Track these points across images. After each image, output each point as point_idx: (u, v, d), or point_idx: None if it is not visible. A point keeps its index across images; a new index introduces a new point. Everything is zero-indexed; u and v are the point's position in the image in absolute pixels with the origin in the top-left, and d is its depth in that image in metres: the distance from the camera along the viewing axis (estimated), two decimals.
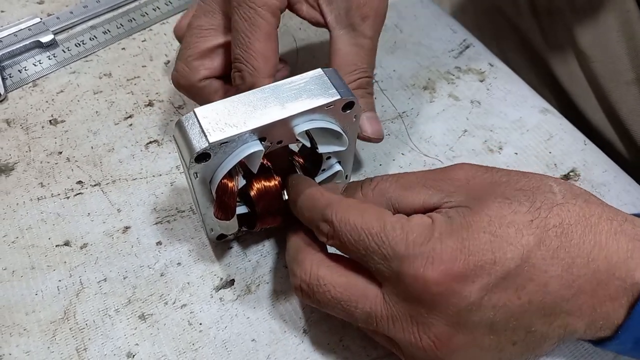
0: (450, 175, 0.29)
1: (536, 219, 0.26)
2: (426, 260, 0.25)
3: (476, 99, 0.46)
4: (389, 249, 0.26)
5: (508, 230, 0.26)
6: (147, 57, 0.47)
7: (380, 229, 0.27)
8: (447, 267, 0.25)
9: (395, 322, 0.27)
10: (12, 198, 0.38)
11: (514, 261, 0.25)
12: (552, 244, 0.26)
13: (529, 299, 0.25)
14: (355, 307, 0.28)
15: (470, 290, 0.25)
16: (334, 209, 0.28)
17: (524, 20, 0.54)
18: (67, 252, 0.36)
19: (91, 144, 0.41)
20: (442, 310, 0.25)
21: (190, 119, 0.29)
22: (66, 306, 0.34)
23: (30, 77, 0.45)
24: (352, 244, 0.27)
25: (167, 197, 0.39)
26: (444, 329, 0.26)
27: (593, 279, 0.26)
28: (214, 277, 0.35)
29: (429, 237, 0.26)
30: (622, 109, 0.48)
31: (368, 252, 0.27)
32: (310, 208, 0.30)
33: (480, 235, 0.25)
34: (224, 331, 0.33)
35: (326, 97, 0.31)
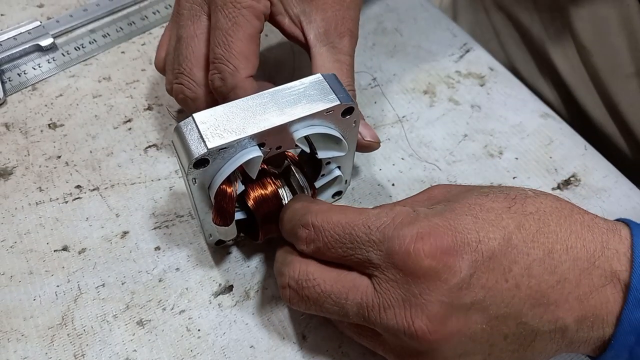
0: (427, 194, 0.31)
1: (513, 206, 0.27)
2: (416, 236, 0.26)
3: (476, 103, 0.46)
4: (377, 233, 0.27)
5: (488, 214, 0.27)
6: (147, 60, 0.47)
7: (365, 220, 0.27)
8: (436, 241, 0.25)
9: (387, 310, 0.27)
10: (10, 202, 0.38)
11: (497, 241, 0.26)
12: (530, 228, 0.27)
13: (516, 282, 0.26)
14: (345, 299, 0.28)
15: (460, 265, 0.25)
16: (313, 213, 0.29)
17: (525, 14, 0.54)
18: (66, 257, 0.36)
19: (90, 148, 0.41)
20: (434, 288, 0.25)
21: (188, 124, 0.29)
22: (64, 312, 0.34)
23: (30, 81, 0.45)
24: (337, 239, 0.28)
25: (166, 201, 0.39)
26: (437, 310, 0.26)
27: (575, 267, 0.26)
28: (212, 282, 0.35)
29: (415, 218, 0.27)
30: (622, 103, 0.48)
31: (355, 244, 0.27)
32: (290, 219, 0.30)
33: (463, 217, 0.26)
34: (222, 337, 0.33)
35: (326, 102, 0.30)
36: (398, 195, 0.40)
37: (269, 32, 0.49)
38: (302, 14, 0.36)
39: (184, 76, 0.35)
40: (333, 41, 0.36)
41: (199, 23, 0.35)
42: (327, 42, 0.36)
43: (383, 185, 0.41)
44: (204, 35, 0.35)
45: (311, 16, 0.36)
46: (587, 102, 0.51)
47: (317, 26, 0.36)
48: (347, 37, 0.36)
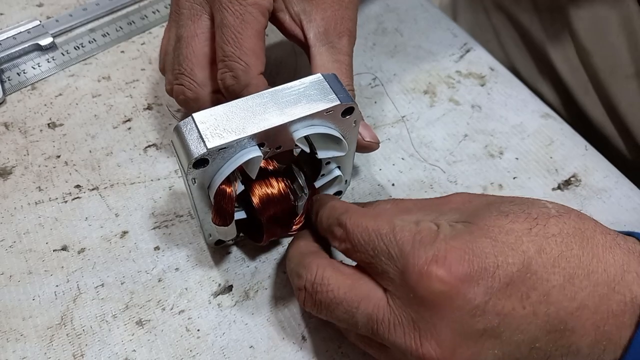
0: (446, 200, 0.31)
1: (534, 228, 0.26)
2: (432, 258, 0.25)
3: (477, 103, 0.46)
4: (396, 248, 0.26)
5: (508, 237, 0.26)
6: (146, 60, 0.47)
7: (389, 231, 0.27)
8: (452, 266, 0.25)
9: (396, 327, 0.26)
10: (9, 202, 0.38)
11: (515, 266, 0.25)
12: (552, 252, 0.26)
13: (533, 310, 0.25)
14: (356, 308, 0.27)
15: (475, 292, 0.25)
16: (349, 215, 0.29)
17: (524, 15, 0.54)
18: (65, 257, 0.36)
19: (89, 148, 0.41)
20: (446, 314, 0.25)
21: (188, 124, 0.29)
22: (63, 312, 0.33)
23: (29, 80, 0.45)
24: (362, 245, 0.28)
25: (166, 201, 0.38)
26: (448, 336, 0.25)
27: (595, 293, 0.26)
28: (212, 282, 0.35)
29: (434, 238, 0.26)
30: (621, 103, 0.48)
31: (376, 253, 0.27)
32: (328, 216, 0.31)
33: (482, 240, 0.25)
34: (222, 337, 0.33)
35: (326, 102, 0.30)
36: (398, 195, 0.40)
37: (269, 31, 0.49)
38: (302, 13, 0.36)
39: (184, 76, 0.35)
40: (332, 41, 0.36)
41: (200, 22, 0.35)
42: (327, 42, 0.36)
43: (383, 185, 0.41)
44: (205, 34, 0.35)
45: (311, 15, 0.36)
46: (586, 103, 0.51)
47: (316, 25, 0.35)
48: (346, 36, 0.36)
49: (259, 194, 0.32)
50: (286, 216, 0.34)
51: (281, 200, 0.33)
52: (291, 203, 0.33)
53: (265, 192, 0.33)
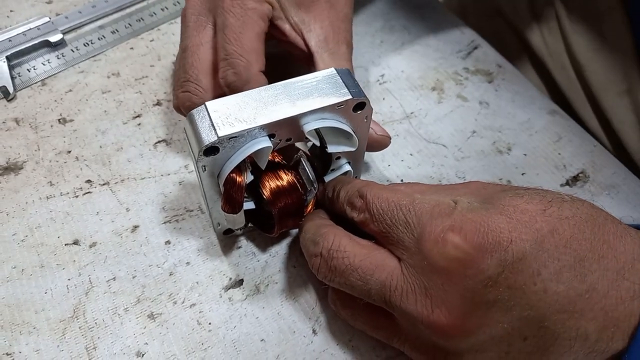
0: (461, 185, 0.31)
1: (549, 209, 0.27)
2: (448, 227, 0.26)
3: (484, 100, 0.46)
4: (414, 217, 0.27)
5: (522, 215, 0.26)
6: (155, 56, 0.47)
7: (409, 202, 0.28)
8: (467, 236, 0.25)
9: (409, 294, 0.27)
10: (21, 197, 0.38)
11: (528, 242, 0.25)
12: (564, 233, 0.26)
13: (544, 286, 0.25)
14: (371, 276, 0.28)
15: (488, 263, 0.25)
16: (370, 187, 0.30)
17: (525, 24, 0.54)
18: (76, 251, 0.36)
19: (100, 143, 0.41)
20: (458, 281, 0.25)
21: (201, 112, 0.29)
22: (75, 305, 0.34)
23: (39, 77, 0.45)
24: (381, 214, 0.29)
25: (176, 196, 0.39)
26: (458, 304, 0.25)
27: (604, 277, 0.26)
28: (222, 276, 0.35)
29: (452, 211, 0.27)
30: (614, 119, 0.48)
31: (394, 222, 0.28)
32: (347, 189, 0.32)
33: (497, 217, 0.26)
34: (233, 331, 0.33)
35: (337, 96, 0.31)
36: None
37: None
38: (301, 23, 0.37)
39: (190, 83, 0.35)
40: (332, 48, 0.37)
41: (205, 32, 0.36)
42: (328, 49, 0.37)
43: (392, 181, 0.41)
44: (209, 43, 0.36)
45: (310, 25, 0.37)
46: (584, 115, 0.51)
47: (317, 34, 0.37)
48: (345, 45, 0.37)
49: (269, 186, 0.33)
50: (296, 208, 0.34)
51: (291, 192, 0.33)
52: (301, 195, 0.33)
53: (275, 184, 0.33)
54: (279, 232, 0.34)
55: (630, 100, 0.46)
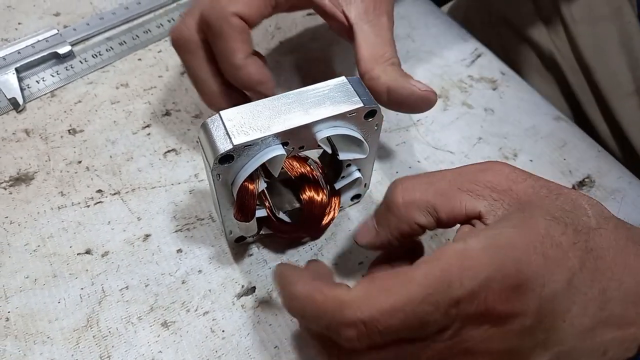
0: (488, 177, 0.28)
1: (579, 242, 0.26)
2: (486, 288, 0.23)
3: (490, 106, 0.46)
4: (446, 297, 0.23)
5: (556, 251, 0.25)
6: (163, 67, 0.47)
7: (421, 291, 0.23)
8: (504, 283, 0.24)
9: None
10: (32, 207, 0.38)
11: (560, 284, 0.25)
12: (590, 266, 0.26)
13: (572, 322, 0.26)
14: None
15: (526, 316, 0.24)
16: (354, 307, 0.23)
17: (533, 29, 0.55)
18: (89, 260, 0.36)
19: (110, 153, 0.41)
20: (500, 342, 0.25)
21: (215, 121, 0.30)
22: (89, 314, 0.34)
23: (48, 88, 0.45)
24: (401, 327, 0.23)
25: (187, 205, 0.39)
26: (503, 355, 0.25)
27: (624, 301, 0.26)
28: (235, 284, 0.36)
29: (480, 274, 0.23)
30: (623, 120, 0.49)
31: (424, 322, 0.23)
32: (316, 317, 0.24)
33: (532, 257, 0.25)
34: (246, 338, 0.33)
35: (349, 104, 0.31)
36: None
37: (280, 35, 0.50)
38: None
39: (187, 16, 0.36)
40: (372, 20, 0.37)
41: None
42: (367, 21, 0.37)
43: None
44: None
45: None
46: (592, 116, 0.52)
47: (357, 6, 0.37)
48: (385, 16, 0.37)
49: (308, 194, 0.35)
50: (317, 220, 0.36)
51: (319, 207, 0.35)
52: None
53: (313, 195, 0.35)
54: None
55: (638, 101, 0.47)
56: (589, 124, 0.52)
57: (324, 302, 0.24)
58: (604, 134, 0.51)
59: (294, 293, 0.25)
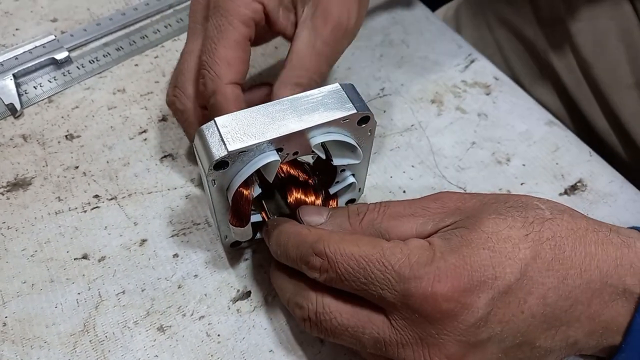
0: (439, 202, 0.30)
1: (531, 233, 0.27)
2: (433, 279, 0.25)
3: (483, 111, 0.47)
4: (393, 273, 0.26)
5: (505, 245, 0.26)
6: (160, 73, 0.48)
7: (380, 256, 0.27)
8: (454, 284, 0.25)
9: (405, 347, 0.27)
10: (30, 212, 0.39)
11: (513, 275, 0.26)
12: (546, 256, 0.26)
13: (531, 312, 0.26)
14: (362, 332, 0.28)
15: (477, 305, 0.25)
16: (326, 242, 0.28)
17: (529, 29, 0.55)
18: (86, 265, 0.36)
19: (107, 159, 0.42)
20: (452, 328, 0.26)
21: (210, 127, 0.30)
22: (85, 319, 0.34)
23: (46, 93, 0.46)
24: (351, 273, 0.27)
25: (183, 209, 0.39)
26: (456, 349, 0.26)
27: (587, 289, 0.27)
28: (230, 288, 0.36)
29: (431, 258, 0.26)
30: (623, 114, 0.49)
31: (369, 280, 0.26)
32: (297, 245, 0.29)
33: (480, 252, 0.26)
34: (241, 342, 0.34)
35: (343, 110, 0.31)
36: None
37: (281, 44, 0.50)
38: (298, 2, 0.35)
39: (177, 89, 0.36)
40: (316, 26, 0.34)
41: (198, 40, 0.36)
42: (311, 26, 0.35)
43: (394, 192, 0.41)
44: (198, 52, 0.36)
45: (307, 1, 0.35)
46: (590, 112, 0.52)
47: (307, 9, 0.35)
48: (331, 25, 0.34)
49: (295, 196, 0.34)
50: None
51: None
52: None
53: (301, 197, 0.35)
54: None
55: (638, 93, 0.47)
56: (587, 122, 0.53)
57: (307, 234, 0.29)
58: (603, 130, 0.52)
59: (286, 228, 0.31)
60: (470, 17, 0.63)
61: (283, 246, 0.30)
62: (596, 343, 0.28)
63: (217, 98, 0.33)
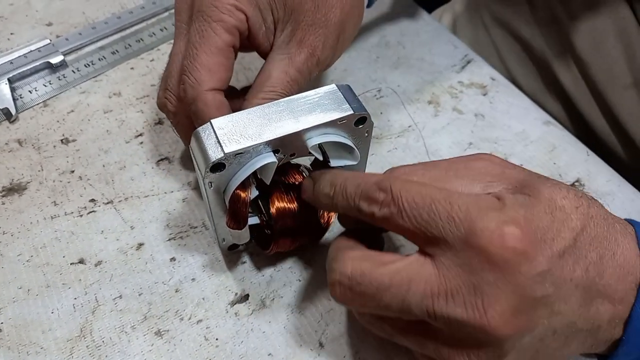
0: (480, 165, 0.29)
1: (580, 207, 0.27)
2: (503, 222, 0.25)
3: (480, 112, 0.47)
4: (460, 212, 0.25)
5: (561, 213, 0.26)
6: (156, 76, 0.48)
7: (447, 196, 0.26)
8: (524, 231, 0.25)
9: (455, 298, 0.25)
10: (25, 217, 0.38)
11: (566, 241, 0.26)
12: (591, 232, 0.27)
13: (576, 283, 0.26)
14: (407, 290, 0.26)
15: (540, 259, 0.25)
16: (392, 180, 0.27)
17: (526, 29, 0.55)
18: (82, 270, 0.36)
19: (103, 162, 0.42)
20: (512, 277, 0.24)
21: (206, 129, 0.30)
22: (82, 324, 0.34)
23: (41, 98, 0.45)
24: (415, 208, 0.26)
25: (180, 213, 0.39)
26: (511, 302, 0.24)
27: (615, 273, 0.27)
28: (228, 292, 0.36)
29: (502, 205, 0.26)
30: (621, 113, 0.49)
31: (431, 217, 0.25)
32: (357, 183, 0.28)
33: (543, 214, 0.26)
34: (240, 346, 0.33)
35: (339, 111, 0.31)
36: None
37: None
38: (279, 22, 0.35)
39: (167, 91, 0.36)
40: (291, 52, 0.34)
41: (184, 41, 0.36)
42: (286, 52, 0.34)
43: None
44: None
45: (286, 24, 0.35)
46: (588, 112, 0.52)
47: (285, 34, 0.35)
48: (305, 55, 0.34)
49: (277, 205, 0.33)
50: (295, 231, 0.34)
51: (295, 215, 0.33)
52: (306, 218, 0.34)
53: (284, 205, 0.33)
54: (275, 251, 0.35)
55: (636, 93, 0.47)
56: (585, 123, 0.53)
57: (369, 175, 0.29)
58: (601, 129, 0.52)
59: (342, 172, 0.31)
60: (466, 17, 0.63)
61: (340, 185, 0.29)
62: (609, 335, 0.28)
63: (197, 105, 0.33)
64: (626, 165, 0.51)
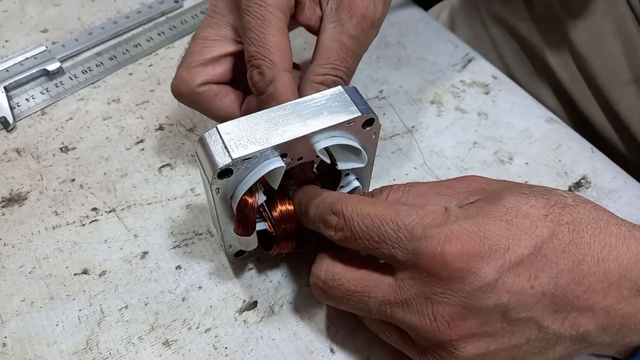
0: (464, 183, 0.31)
1: (550, 214, 0.27)
2: (444, 239, 0.26)
3: (483, 111, 0.46)
4: (405, 232, 0.27)
5: (523, 221, 0.27)
6: (155, 81, 0.47)
7: (394, 216, 0.27)
8: (464, 246, 0.26)
9: (409, 306, 0.27)
10: (26, 228, 0.38)
11: (527, 249, 0.26)
12: (564, 238, 0.27)
13: (542, 290, 0.26)
14: (368, 296, 0.28)
15: (486, 271, 0.26)
16: (344, 202, 0.29)
17: (523, 25, 0.55)
18: (86, 281, 0.35)
19: (104, 170, 0.41)
20: (458, 289, 0.26)
21: (212, 135, 0.29)
22: (88, 336, 0.33)
23: (39, 106, 0.45)
24: (365, 231, 0.28)
25: (184, 220, 0.38)
26: (459, 309, 0.26)
27: (604, 279, 0.27)
28: (236, 299, 0.35)
29: (445, 220, 0.27)
30: (621, 109, 0.49)
31: (382, 238, 0.27)
32: (317, 205, 0.30)
33: (496, 223, 0.27)
34: (250, 354, 0.33)
35: (347, 114, 0.31)
36: None
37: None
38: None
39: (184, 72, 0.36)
40: (342, 19, 0.34)
41: (217, 29, 0.36)
42: (336, 19, 0.34)
43: None
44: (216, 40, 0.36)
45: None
46: (588, 109, 0.52)
47: (332, 2, 0.35)
48: (357, 18, 0.34)
49: (279, 208, 0.33)
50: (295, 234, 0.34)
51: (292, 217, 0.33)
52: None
53: (285, 207, 0.33)
54: (277, 252, 0.34)
55: (636, 89, 0.47)
56: (585, 120, 0.53)
57: (327, 195, 0.31)
58: (602, 126, 0.52)
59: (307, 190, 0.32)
60: (464, 15, 0.63)
61: (304, 206, 0.31)
62: (611, 340, 0.28)
63: (276, 86, 0.32)
64: (628, 161, 0.51)
